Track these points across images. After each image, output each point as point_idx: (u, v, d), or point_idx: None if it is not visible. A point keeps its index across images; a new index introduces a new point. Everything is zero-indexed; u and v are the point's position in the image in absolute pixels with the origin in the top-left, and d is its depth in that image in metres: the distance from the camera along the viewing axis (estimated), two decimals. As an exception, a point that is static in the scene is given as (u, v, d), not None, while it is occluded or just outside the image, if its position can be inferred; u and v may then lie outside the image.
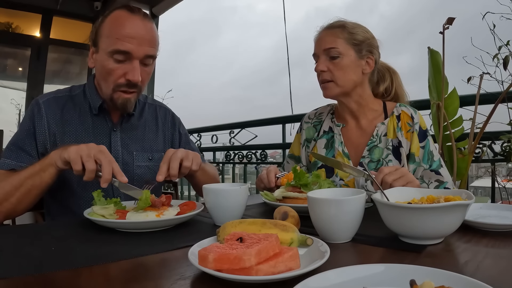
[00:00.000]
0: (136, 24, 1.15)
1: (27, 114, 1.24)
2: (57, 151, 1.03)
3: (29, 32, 4.29)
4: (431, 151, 1.30)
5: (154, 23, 1.23)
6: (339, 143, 1.38)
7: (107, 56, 1.15)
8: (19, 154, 1.17)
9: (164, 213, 0.93)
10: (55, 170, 1.03)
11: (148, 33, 1.17)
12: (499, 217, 0.91)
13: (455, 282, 0.46)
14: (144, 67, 1.19)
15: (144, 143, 1.35)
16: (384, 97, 1.46)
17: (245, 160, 3.54)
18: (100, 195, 0.98)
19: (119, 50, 1.13)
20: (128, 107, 1.23)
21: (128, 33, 1.13)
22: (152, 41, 1.19)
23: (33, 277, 0.59)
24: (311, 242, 0.68)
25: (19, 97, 4.57)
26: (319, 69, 1.31)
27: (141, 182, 1.30)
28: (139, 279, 0.59)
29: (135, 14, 1.17)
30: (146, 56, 1.17)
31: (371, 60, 1.34)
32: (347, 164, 1.07)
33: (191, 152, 1.13)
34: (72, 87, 1.33)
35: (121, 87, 1.18)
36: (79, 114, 1.26)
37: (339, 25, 1.32)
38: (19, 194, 1.05)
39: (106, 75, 1.17)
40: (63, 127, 1.22)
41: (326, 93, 1.34)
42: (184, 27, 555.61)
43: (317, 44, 1.34)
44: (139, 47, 1.14)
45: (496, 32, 1.95)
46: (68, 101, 1.27)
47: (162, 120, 1.44)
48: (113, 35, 1.14)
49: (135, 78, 1.15)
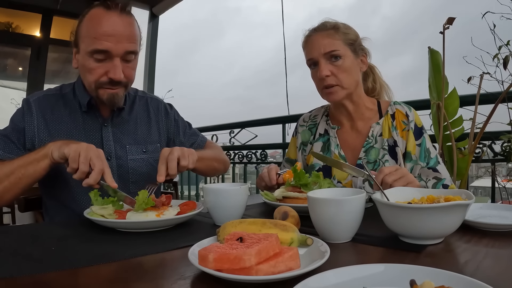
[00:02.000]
0: (113, 21, 1.13)
1: (17, 111, 1.24)
2: (56, 143, 1.03)
3: (29, 32, 4.29)
4: (428, 148, 1.29)
5: (133, 17, 1.20)
6: (335, 145, 1.37)
7: (87, 56, 1.14)
8: (8, 145, 1.18)
9: (164, 213, 0.93)
10: (49, 162, 1.03)
11: (127, 28, 1.15)
12: (499, 217, 0.91)
13: (455, 282, 0.46)
14: (126, 63, 1.17)
15: (137, 136, 1.35)
16: (372, 92, 1.47)
17: (245, 160, 3.54)
18: (97, 195, 0.98)
19: (97, 49, 1.11)
20: (116, 102, 1.21)
21: (105, 31, 1.11)
22: (132, 36, 1.16)
23: (33, 277, 0.59)
24: (311, 242, 0.68)
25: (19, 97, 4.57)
26: (323, 74, 1.26)
27: (137, 175, 1.31)
28: (139, 279, 0.59)
29: (112, 11, 1.14)
30: (127, 52, 1.15)
31: (365, 58, 1.35)
32: (347, 164, 1.06)
33: (186, 150, 1.13)
34: (62, 85, 1.33)
35: (104, 85, 1.17)
36: (69, 112, 1.26)
37: (332, 27, 1.29)
38: (8, 183, 1.05)
39: (88, 74, 1.16)
40: (53, 125, 1.23)
41: (333, 98, 1.31)
42: (188, 28, 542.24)
43: (314, 49, 1.29)
44: (118, 45, 1.12)
45: (496, 32, 1.95)
46: (59, 100, 1.27)
47: (155, 111, 1.43)
48: (91, 34, 1.12)
49: (116, 76, 1.14)
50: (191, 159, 1.12)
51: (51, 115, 1.23)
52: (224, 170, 1.51)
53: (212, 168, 1.40)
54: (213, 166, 1.41)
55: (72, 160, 0.96)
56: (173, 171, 1.06)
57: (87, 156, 0.96)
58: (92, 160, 0.96)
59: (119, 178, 1.27)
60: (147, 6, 4.22)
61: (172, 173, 1.06)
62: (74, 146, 0.98)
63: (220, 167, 1.46)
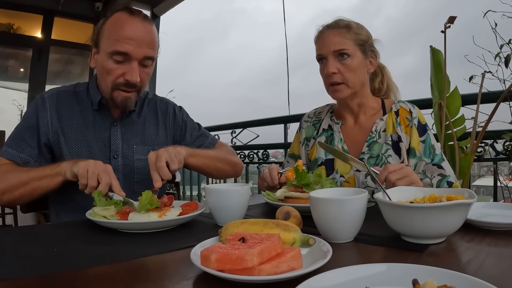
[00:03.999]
0: (135, 26, 1.18)
1: (31, 107, 1.28)
2: (68, 162, 1.10)
3: (31, 33, 4.31)
4: (433, 145, 1.30)
5: (154, 26, 1.26)
6: (338, 140, 1.39)
7: (106, 57, 1.18)
8: (20, 144, 1.22)
9: (166, 213, 0.93)
10: (62, 179, 1.10)
11: (147, 35, 1.20)
12: (502, 216, 0.91)
13: (458, 281, 0.46)
14: (143, 68, 1.22)
15: (145, 137, 1.37)
16: (378, 92, 1.48)
17: (247, 160, 3.54)
18: (100, 195, 0.99)
19: (118, 51, 1.16)
20: (128, 105, 1.25)
21: (127, 35, 1.16)
22: (151, 43, 1.21)
23: (35, 278, 0.60)
24: (313, 242, 0.68)
25: (20, 98, 4.59)
26: (330, 71, 1.28)
27: (142, 175, 1.33)
28: (142, 280, 0.59)
29: (135, 17, 1.19)
30: (145, 58, 1.20)
31: (374, 59, 1.36)
32: (354, 158, 1.08)
33: (171, 150, 1.13)
34: (77, 84, 1.37)
35: (120, 86, 1.21)
36: (81, 109, 1.30)
37: (345, 25, 1.30)
38: (23, 191, 1.12)
39: (106, 75, 1.20)
40: (66, 120, 1.27)
41: (338, 96, 1.33)
42: (192, 28, 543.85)
43: (324, 45, 1.31)
44: (138, 49, 1.17)
45: (497, 30, 1.95)
46: (72, 97, 1.31)
47: (163, 113, 1.46)
48: (113, 36, 1.17)
49: (133, 78, 1.18)
50: (178, 159, 1.14)
51: (64, 110, 1.28)
52: (234, 173, 1.48)
53: (214, 168, 1.39)
54: (216, 166, 1.39)
55: (81, 176, 1.03)
56: (167, 176, 1.09)
57: (95, 172, 1.03)
58: (99, 175, 1.03)
59: (124, 177, 1.30)
60: (148, 7, 4.22)
61: (166, 178, 1.09)
62: (82, 164, 1.04)
63: (226, 168, 1.43)
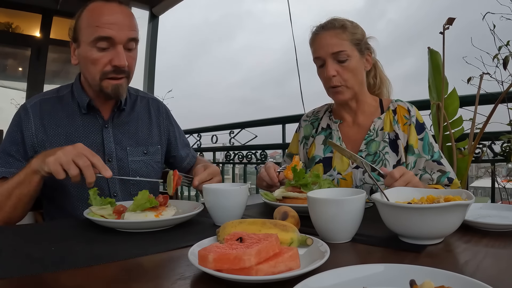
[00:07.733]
0: (114, 10, 1.15)
1: (13, 120, 1.23)
2: (37, 158, 1.02)
3: (29, 32, 4.29)
4: (431, 142, 1.32)
5: (130, 9, 1.23)
6: (336, 138, 1.40)
7: (89, 47, 1.14)
8: (8, 160, 1.17)
9: (162, 213, 0.93)
10: (39, 176, 1.03)
11: (127, 17, 1.17)
12: (499, 217, 0.91)
13: (455, 282, 0.46)
14: (128, 53, 1.18)
15: (138, 137, 1.34)
16: (372, 87, 1.48)
17: (245, 160, 3.53)
18: (96, 193, 0.98)
19: (101, 36, 1.12)
20: (120, 93, 1.21)
21: (107, 19, 1.13)
22: (132, 24, 1.18)
23: (33, 277, 0.59)
24: (311, 242, 0.68)
25: (19, 97, 4.57)
26: (330, 74, 1.28)
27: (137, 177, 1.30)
28: (139, 279, 0.59)
29: (111, 2, 1.17)
30: (129, 40, 1.16)
31: (370, 56, 1.37)
32: (363, 159, 1.08)
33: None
34: (60, 87, 1.32)
35: (109, 75, 1.17)
36: (67, 115, 1.24)
37: (340, 26, 1.30)
38: (11, 203, 1.06)
39: (91, 65, 1.16)
40: (51, 130, 1.21)
41: (339, 98, 1.34)
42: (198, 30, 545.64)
43: (322, 47, 1.30)
44: (121, 32, 1.14)
45: (496, 32, 1.95)
46: (56, 103, 1.26)
47: (156, 112, 1.43)
48: (93, 24, 1.13)
49: (121, 62, 1.14)
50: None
51: (49, 120, 1.22)
52: None
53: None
54: None
55: (56, 172, 0.96)
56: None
57: (68, 160, 0.95)
58: (75, 161, 0.96)
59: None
60: (147, 7, 4.23)
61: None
62: (51, 159, 0.96)
63: None
